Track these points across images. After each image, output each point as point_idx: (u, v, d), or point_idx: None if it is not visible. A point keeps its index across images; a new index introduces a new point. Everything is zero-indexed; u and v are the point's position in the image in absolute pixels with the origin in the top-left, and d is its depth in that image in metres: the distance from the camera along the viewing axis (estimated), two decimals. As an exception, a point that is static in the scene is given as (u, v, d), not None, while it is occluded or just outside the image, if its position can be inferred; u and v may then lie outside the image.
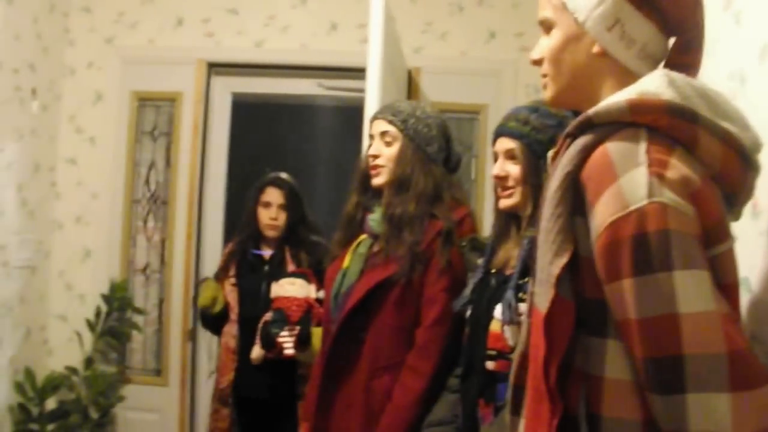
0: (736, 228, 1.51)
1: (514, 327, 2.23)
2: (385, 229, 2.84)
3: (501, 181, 2.43)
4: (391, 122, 2.90)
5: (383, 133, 2.90)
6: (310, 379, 3.06)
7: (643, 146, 1.34)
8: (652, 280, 1.27)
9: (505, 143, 2.42)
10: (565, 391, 1.42)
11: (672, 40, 1.60)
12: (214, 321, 4.10)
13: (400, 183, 2.84)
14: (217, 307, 4.00)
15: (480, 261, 2.57)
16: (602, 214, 1.33)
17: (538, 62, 1.67)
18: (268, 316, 3.78)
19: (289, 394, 3.88)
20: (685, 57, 1.58)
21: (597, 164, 1.37)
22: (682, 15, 1.53)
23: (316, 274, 3.80)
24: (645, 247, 1.28)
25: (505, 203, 2.44)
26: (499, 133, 2.46)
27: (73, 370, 4.74)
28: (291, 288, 3.77)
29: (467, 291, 2.53)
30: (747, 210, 1.56)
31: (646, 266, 1.28)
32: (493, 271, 2.48)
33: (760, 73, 2.01)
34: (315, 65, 5.12)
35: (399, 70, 4.50)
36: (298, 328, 3.67)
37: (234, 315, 4.04)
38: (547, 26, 1.62)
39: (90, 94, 5.11)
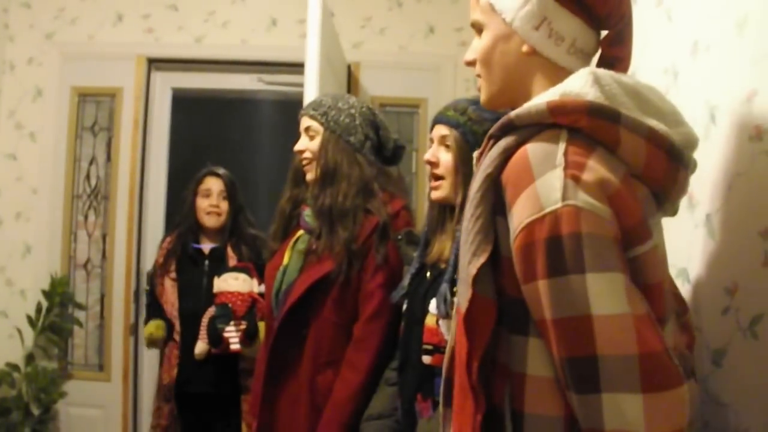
0: (673, 220, 1.56)
1: (449, 321, 2.22)
2: (317, 224, 2.86)
3: (432, 166, 2.44)
4: (312, 117, 2.91)
5: (307, 128, 2.92)
6: (255, 376, 3.06)
7: (561, 148, 1.34)
8: (564, 282, 1.28)
9: (441, 130, 2.42)
10: (492, 387, 1.43)
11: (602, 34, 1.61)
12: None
13: (325, 175, 2.86)
14: (164, 336, 4.03)
15: (416, 253, 2.58)
16: (519, 215, 1.34)
17: (471, 63, 1.68)
18: (211, 311, 3.79)
19: (233, 388, 3.88)
20: (615, 50, 1.59)
21: (516, 166, 1.37)
22: (609, 9, 1.53)
23: (257, 267, 3.81)
24: (558, 250, 1.29)
25: (434, 195, 2.45)
26: (437, 120, 2.46)
27: (14, 367, 4.68)
28: (235, 282, 3.78)
29: (405, 282, 2.53)
30: (683, 202, 1.57)
31: (559, 268, 1.29)
32: (429, 264, 2.49)
33: (692, 68, 2.06)
34: (255, 60, 5.13)
35: (338, 65, 4.52)
36: (244, 323, 3.68)
37: (175, 311, 4.03)
38: (478, 28, 1.63)
39: (30, 89, 5.07)
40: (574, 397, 1.31)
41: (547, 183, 1.31)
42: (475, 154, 1.67)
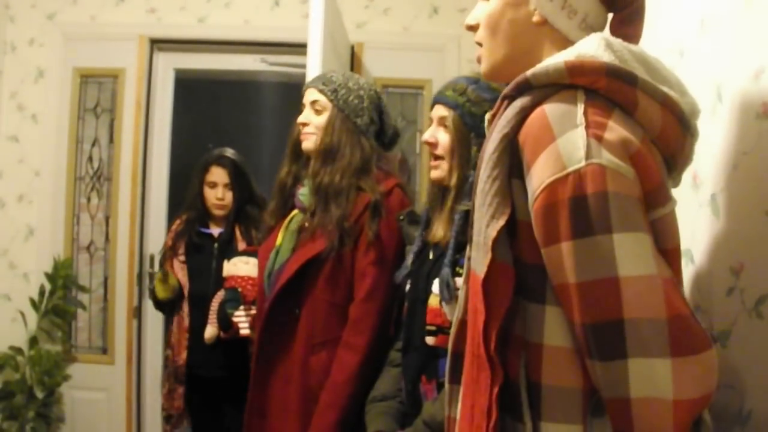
0: (678, 198, 1.53)
1: (452, 304, 2.18)
2: (313, 202, 2.84)
3: (431, 147, 2.43)
4: (321, 91, 2.89)
5: (313, 102, 2.89)
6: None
7: (581, 108, 1.32)
8: (591, 243, 1.25)
9: (440, 111, 2.41)
10: (506, 358, 1.39)
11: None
12: (169, 305, 4.09)
13: (326, 153, 2.84)
14: (175, 292, 4.01)
15: (417, 233, 2.56)
16: (539, 175, 1.30)
17: (473, 28, 1.64)
18: (220, 294, 3.77)
19: (242, 372, 3.87)
20: (626, 29, 1.56)
21: (534, 125, 1.34)
22: None
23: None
24: (584, 210, 1.26)
25: (432, 175, 2.44)
26: (436, 99, 2.45)
27: (17, 350, 4.70)
28: (245, 267, 3.74)
29: (408, 261, 2.52)
30: (688, 181, 1.57)
31: (585, 229, 1.25)
32: (432, 243, 2.47)
33: (698, 46, 2.04)
34: (258, 41, 5.10)
35: (341, 46, 4.49)
36: (254, 307, 3.64)
37: (185, 293, 4.02)
38: None
39: (32, 70, 5.06)
40: (597, 364, 1.28)
41: (570, 142, 1.28)
42: (487, 116, 1.65)
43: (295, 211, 2.96)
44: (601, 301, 1.25)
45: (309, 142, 2.88)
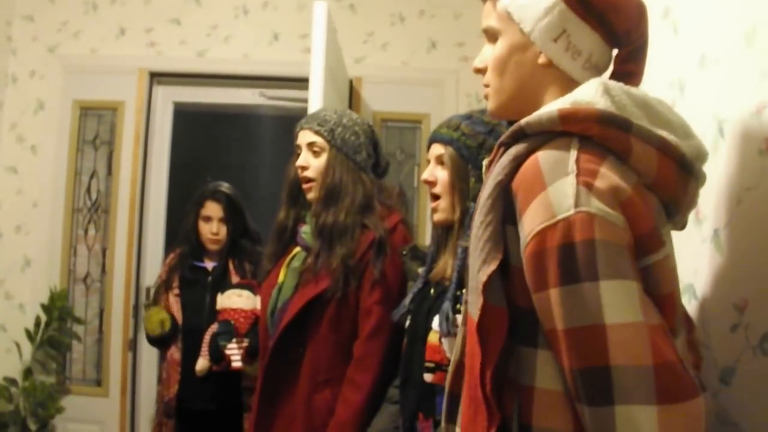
0: (680, 235, 1.53)
1: (451, 339, 2.19)
2: (317, 244, 2.82)
3: (429, 185, 2.45)
4: (317, 132, 2.87)
5: (310, 144, 2.88)
6: (254, 394, 3.03)
7: (573, 155, 1.33)
8: (578, 290, 1.27)
9: (436, 149, 2.43)
10: (501, 400, 1.40)
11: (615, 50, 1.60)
12: (163, 340, 4.06)
13: (329, 194, 2.83)
14: (167, 327, 3.96)
15: (421, 270, 2.55)
16: (530, 223, 1.32)
17: (481, 71, 1.67)
18: (213, 327, 3.76)
19: (234, 405, 3.85)
20: (629, 66, 1.58)
21: (527, 173, 1.36)
22: (628, 27, 1.52)
23: (260, 285, 3.78)
24: (571, 257, 1.27)
25: (435, 218, 2.45)
26: (432, 139, 2.48)
27: (11, 381, 4.67)
28: (238, 300, 3.74)
29: (406, 300, 2.51)
30: (690, 217, 1.56)
31: (572, 276, 1.27)
32: (433, 281, 2.47)
33: (699, 81, 2.05)
34: (257, 75, 5.13)
35: (341, 80, 4.52)
36: (246, 340, 3.65)
37: (179, 326, 4.00)
38: (491, 35, 1.62)
39: (32, 102, 5.07)
40: (585, 409, 1.28)
41: (560, 190, 1.30)
42: (485, 162, 1.67)
43: (297, 249, 2.95)
44: (588, 347, 1.26)
45: (313, 192, 2.88)
